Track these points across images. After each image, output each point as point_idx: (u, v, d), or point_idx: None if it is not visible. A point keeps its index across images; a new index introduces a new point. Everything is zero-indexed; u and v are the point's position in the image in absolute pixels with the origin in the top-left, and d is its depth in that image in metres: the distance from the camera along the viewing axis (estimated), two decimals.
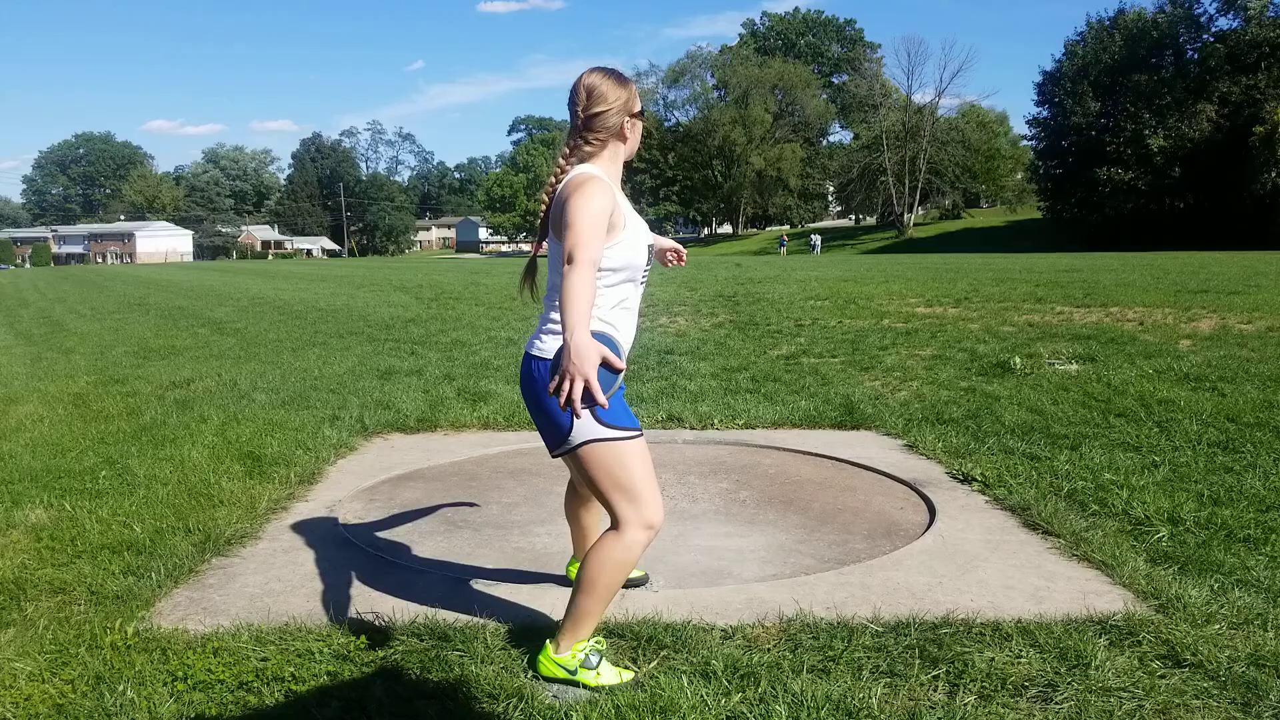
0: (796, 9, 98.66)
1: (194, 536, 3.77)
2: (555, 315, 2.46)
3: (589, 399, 2.14)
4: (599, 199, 2.35)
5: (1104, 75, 57.30)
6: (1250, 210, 48.25)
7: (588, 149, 2.56)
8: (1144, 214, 54.07)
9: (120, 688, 2.52)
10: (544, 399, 2.43)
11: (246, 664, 2.65)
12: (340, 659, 2.69)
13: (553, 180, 2.56)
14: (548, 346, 2.47)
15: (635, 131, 2.63)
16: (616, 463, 2.45)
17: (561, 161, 2.57)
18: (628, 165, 2.73)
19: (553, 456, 2.55)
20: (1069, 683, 2.48)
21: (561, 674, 2.56)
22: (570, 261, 2.25)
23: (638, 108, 2.61)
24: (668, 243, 3.13)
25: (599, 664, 2.57)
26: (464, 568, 3.52)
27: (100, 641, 2.79)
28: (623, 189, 2.64)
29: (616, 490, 2.46)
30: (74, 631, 2.88)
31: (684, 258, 3.17)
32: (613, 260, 2.48)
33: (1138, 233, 50.67)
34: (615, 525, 2.50)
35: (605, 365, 2.34)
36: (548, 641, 2.64)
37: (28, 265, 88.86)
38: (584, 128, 2.54)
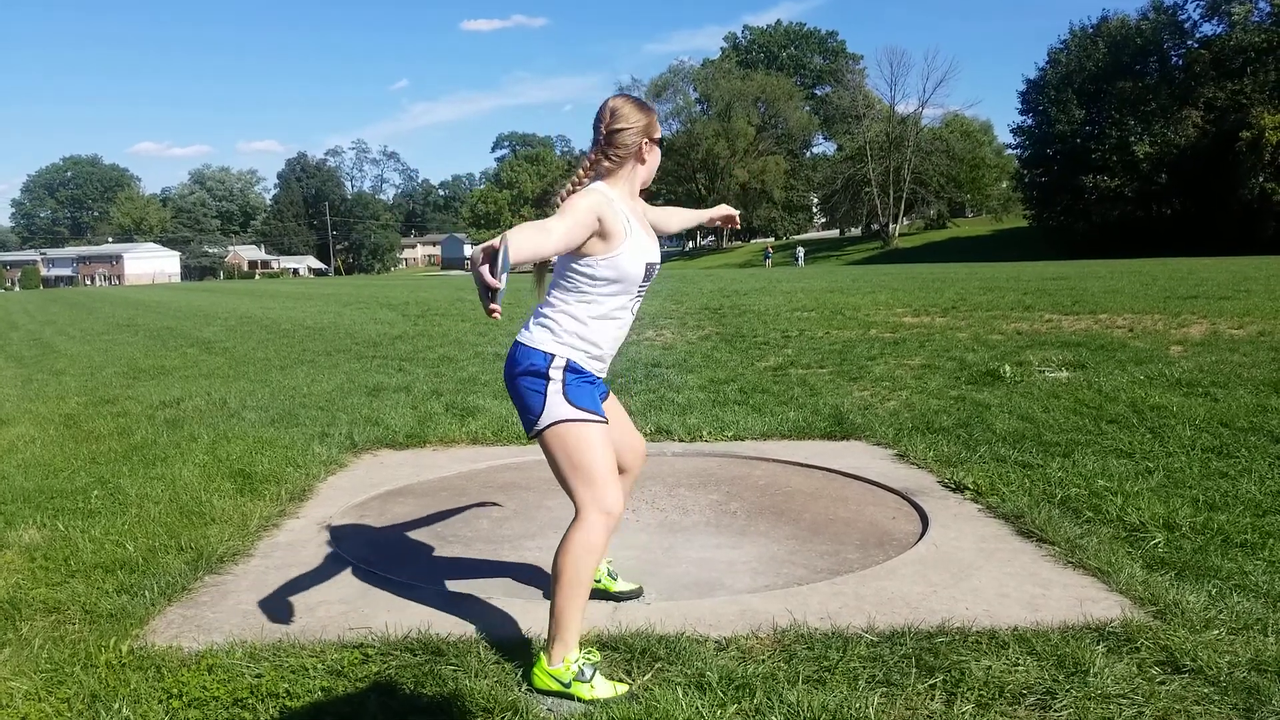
0: (778, 22, 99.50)
1: (186, 554, 3.75)
2: (546, 310, 2.70)
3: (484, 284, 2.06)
4: (587, 198, 2.54)
5: (1088, 82, 57.75)
6: (1238, 215, 48.58)
7: (606, 164, 2.70)
8: (1131, 221, 54.39)
9: (116, 706, 2.50)
10: (518, 381, 2.66)
11: (241, 681, 2.63)
12: (334, 675, 2.67)
13: (569, 189, 2.67)
14: (534, 336, 2.67)
15: (653, 156, 2.79)
16: (577, 444, 2.59)
17: (580, 173, 2.71)
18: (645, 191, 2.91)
19: (529, 439, 2.71)
20: (1067, 690, 2.47)
21: (556, 686, 2.55)
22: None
23: (657, 134, 2.77)
24: (719, 211, 3.45)
25: (593, 677, 2.55)
26: (456, 582, 3.51)
27: (95, 660, 2.77)
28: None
29: (575, 473, 2.60)
30: (69, 650, 2.86)
31: (736, 221, 3.54)
32: (607, 270, 2.62)
33: (1125, 240, 50.97)
34: (576, 514, 2.62)
35: (577, 369, 2.65)
36: (541, 654, 2.63)
37: (17, 288, 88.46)
38: (605, 143, 2.69)
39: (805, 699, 2.43)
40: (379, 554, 3.88)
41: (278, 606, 3.26)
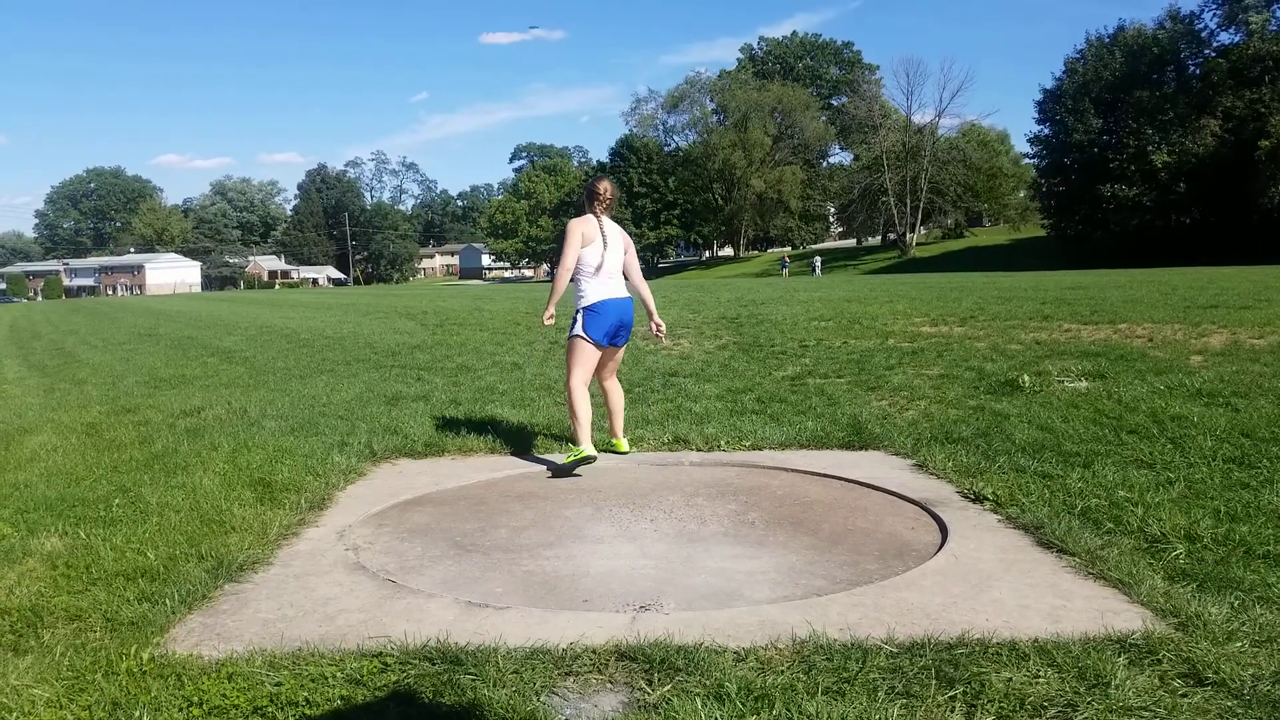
0: (794, 33, 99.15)
1: (207, 563, 3.77)
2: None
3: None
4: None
5: (1105, 92, 57.40)
6: (1257, 224, 48.13)
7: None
8: (1149, 230, 53.97)
9: (136, 714, 2.52)
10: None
11: (261, 689, 2.65)
12: (353, 683, 2.68)
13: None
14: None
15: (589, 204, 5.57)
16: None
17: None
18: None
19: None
20: (1089, 702, 2.46)
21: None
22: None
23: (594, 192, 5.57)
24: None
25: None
26: (474, 591, 3.52)
27: (116, 668, 2.79)
28: (614, 216, 5.61)
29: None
30: (90, 658, 2.88)
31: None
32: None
33: (1143, 249, 50.55)
34: None
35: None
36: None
37: (40, 298, 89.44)
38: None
39: (825, 710, 2.43)
40: (397, 563, 3.89)
41: (297, 615, 3.28)
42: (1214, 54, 55.54)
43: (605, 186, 5.59)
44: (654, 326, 5.84)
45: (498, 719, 2.47)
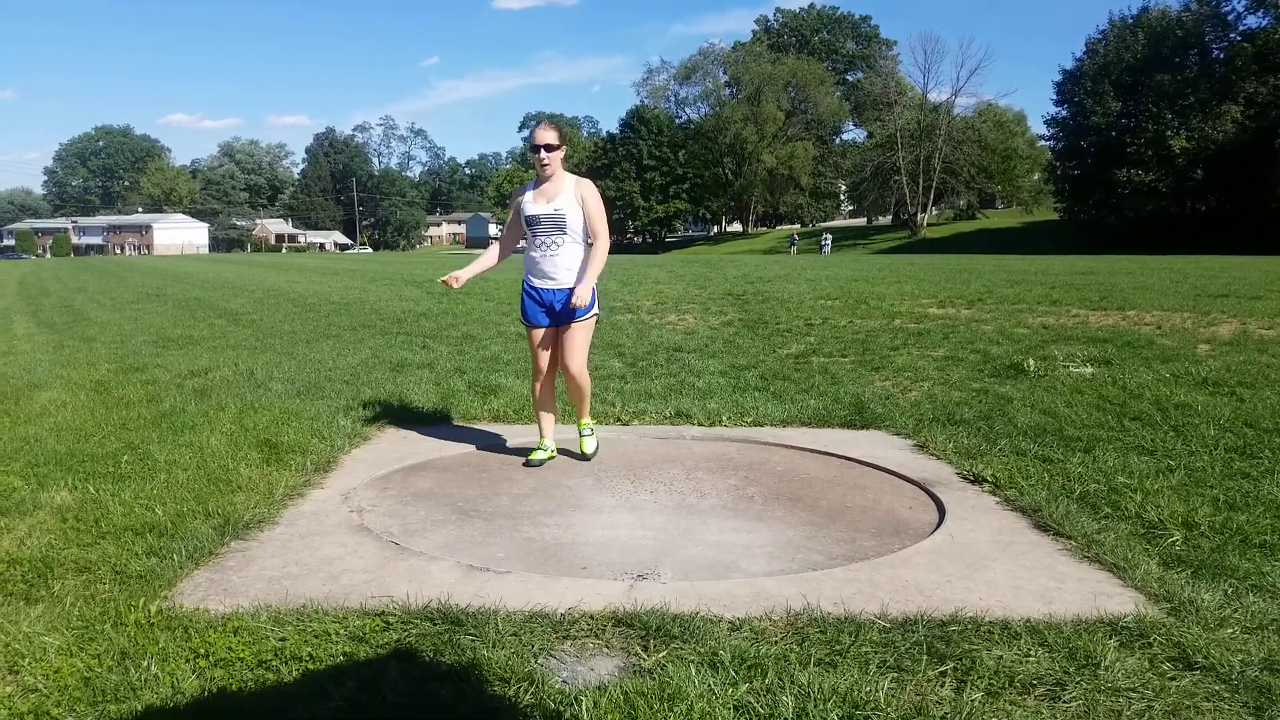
0: (811, 5, 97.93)
1: (213, 520, 3.83)
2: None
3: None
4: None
5: (1126, 74, 56.76)
6: (1275, 213, 47.71)
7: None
8: (1164, 216, 53.61)
9: (144, 663, 2.58)
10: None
11: (265, 643, 2.70)
12: (356, 640, 2.74)
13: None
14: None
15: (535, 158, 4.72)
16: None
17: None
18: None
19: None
20: (1078, 682, 2.49)
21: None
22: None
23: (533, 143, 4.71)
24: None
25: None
26: (475, 555, 3.56)
27: (125, 619, 2.85)
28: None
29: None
30: (99, 609, 2.94)
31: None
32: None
33: (1157, 235, 50.24)
34: None
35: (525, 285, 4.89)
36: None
37: (48, 255, 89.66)
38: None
39: (816, 680, 2.47)
40: (401, 526, 3.94)
41: (302, 573, 3.33)
42: (1239, 38, 54.75)
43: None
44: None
45: (496, 679, 2.52)
